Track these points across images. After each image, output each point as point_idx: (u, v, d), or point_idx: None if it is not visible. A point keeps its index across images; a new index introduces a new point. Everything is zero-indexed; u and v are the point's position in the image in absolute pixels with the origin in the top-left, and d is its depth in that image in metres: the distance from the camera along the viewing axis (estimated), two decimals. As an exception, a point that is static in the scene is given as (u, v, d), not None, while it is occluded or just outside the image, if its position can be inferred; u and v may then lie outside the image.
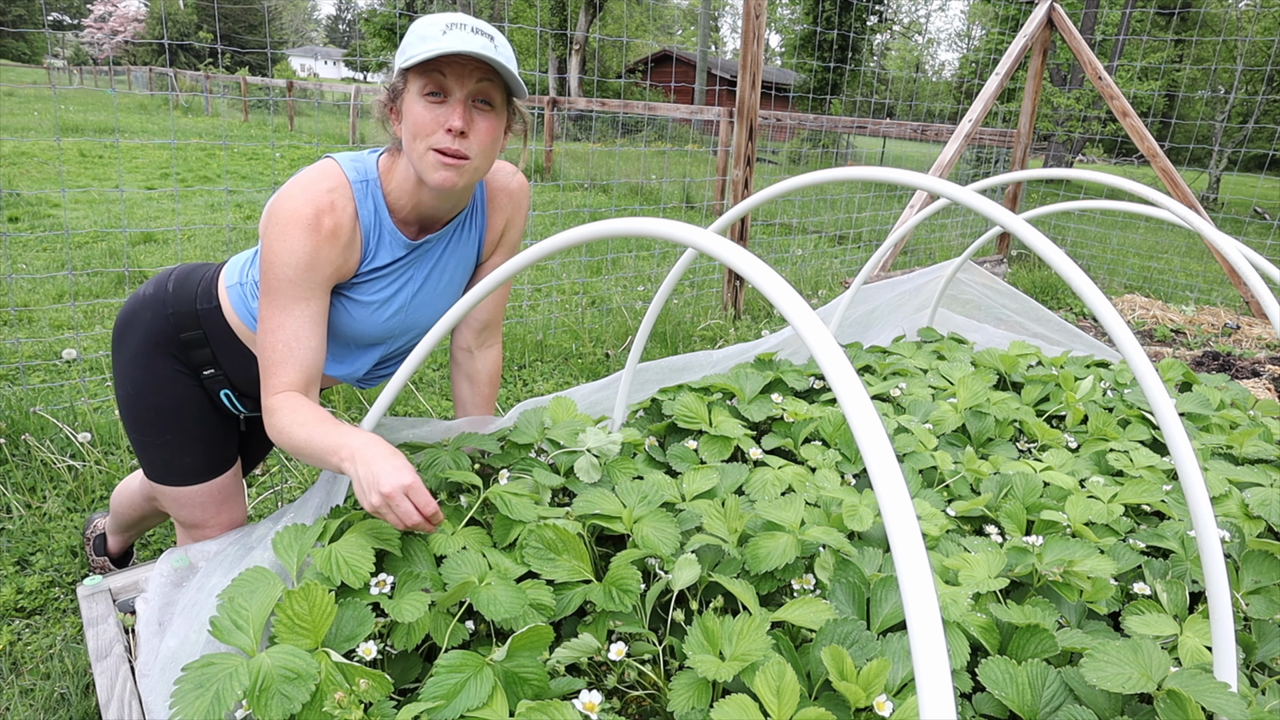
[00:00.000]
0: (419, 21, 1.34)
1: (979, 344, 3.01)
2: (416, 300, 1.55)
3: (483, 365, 1.79)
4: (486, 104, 1.36)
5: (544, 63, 26.72)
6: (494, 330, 1.78)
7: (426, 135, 1.33)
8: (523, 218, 1.69)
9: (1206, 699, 1.00)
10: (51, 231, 5.89)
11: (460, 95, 1.32)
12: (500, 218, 1.64)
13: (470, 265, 1.64)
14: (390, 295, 1.51)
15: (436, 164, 1.34)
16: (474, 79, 1.33)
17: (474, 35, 1.29)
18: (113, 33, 39.26)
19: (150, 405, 1.58)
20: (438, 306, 1.60)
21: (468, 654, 1.05)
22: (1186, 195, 5.06)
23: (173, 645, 1.25)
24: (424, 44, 1.29)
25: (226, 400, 1.63)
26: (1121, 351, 1.03)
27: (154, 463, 1.62)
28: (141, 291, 1.60)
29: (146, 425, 1.59)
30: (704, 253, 0.95)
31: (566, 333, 4.36)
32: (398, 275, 1.51)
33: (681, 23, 44.87)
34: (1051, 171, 2.11)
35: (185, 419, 1.59)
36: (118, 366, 1.60)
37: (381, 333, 1.55)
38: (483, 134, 1.36)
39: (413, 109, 1.34)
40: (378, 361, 1.63)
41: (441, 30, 1.29)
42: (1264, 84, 16.70)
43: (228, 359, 1.58)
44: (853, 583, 1.27)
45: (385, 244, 1.46)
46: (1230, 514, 1.70)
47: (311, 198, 1.35)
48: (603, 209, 8.17)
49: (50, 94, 19.20)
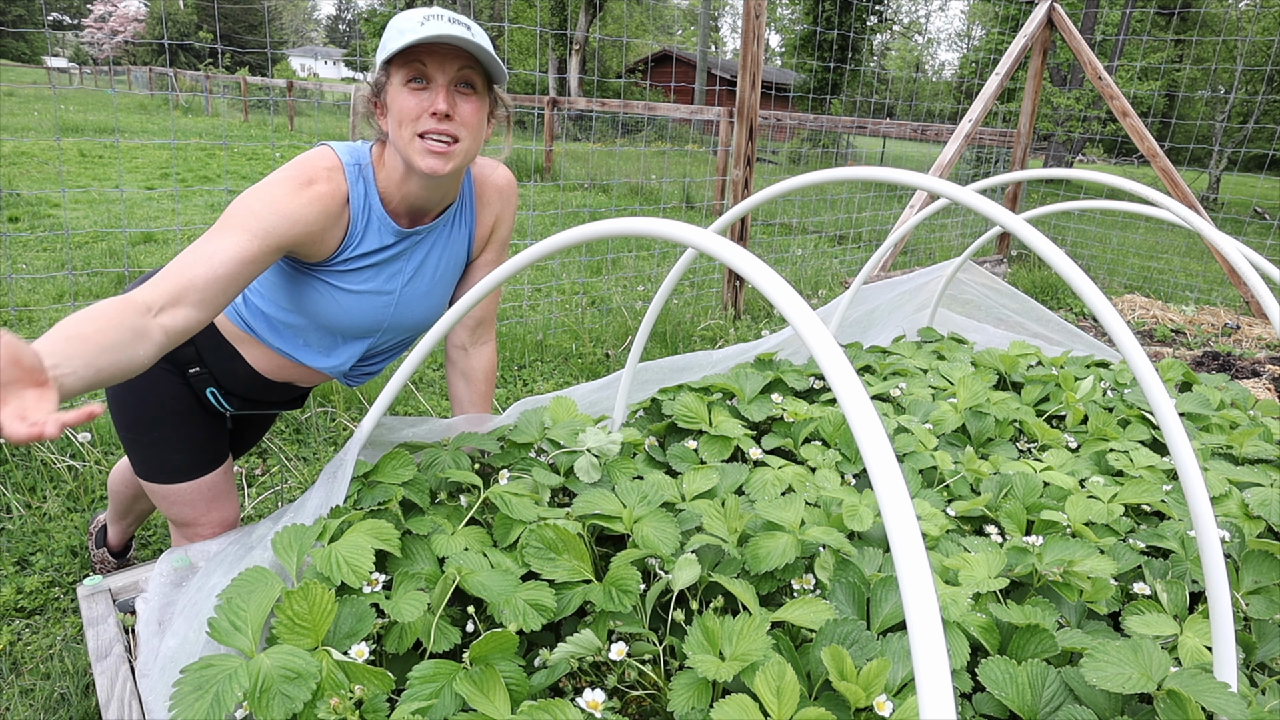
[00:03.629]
0: (396, 17, 1.37)
1: (979, 344, 3.01)
2: (405, 292, 1.56)
3: (478, 363, 1.80)
4: (469, 87, 1.39)
5: (544, 63, 26.72)
6: (488, 327, 1.80)
7: (412, 121, 1.35)
8: (512, 214, 1.70)
9: (1206, 699, 1.00)
10: (51, 231, 5.89)
11: (443, 81, 1.35)
12: (489, 214, 1.65)
13: (461, 262, 1.65)
14: (379, 285, 1.52)
15: (424, 150, 1.36)
16: (455, 65, 1.36)
17: (451, 25, 1.32)
18: (113, 33, 39.26)
19: (136, 403, 1.58)
20: (427, 302, 1.61)
21: (440, 663, 1.06)
22: (1186, 195, 5.06)
23: (173, 645, 1.25)
24: (403, 37, 1.31)
25: (212, 398, 1.63)
26: (1121, 351, 1.03)
27: (142, 460, 1.63)
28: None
29: (133, 423, 1.59)
30: (704, 253, 0.95)
31: (566, 333, 4.35)
32: (386, 265, 1.51)
33: (681, 23, 44.87)
34: (1051, 171, 2.11)
35: (171, 417, 1.59)
36: None
37: (369, 324, 1.56)
38: (467, 115, 1.38)
39: (397, 98, 1.36)
40: (363, 356, 1.64)
41: (419, 22, 1.32)
42: (1264, 84, 16.70)
43: (212, 357, 1.58)
44: (853, 583, 1.27)
45: (374, 229, 1.47)
46: (1230, 514, 1.70)
47: (306, 167, 1.38)
48: (603, 209, 8.17)
49: (50, 94, 19.19)
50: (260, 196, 1.33)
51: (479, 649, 1.08)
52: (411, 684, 1.04)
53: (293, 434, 3.04)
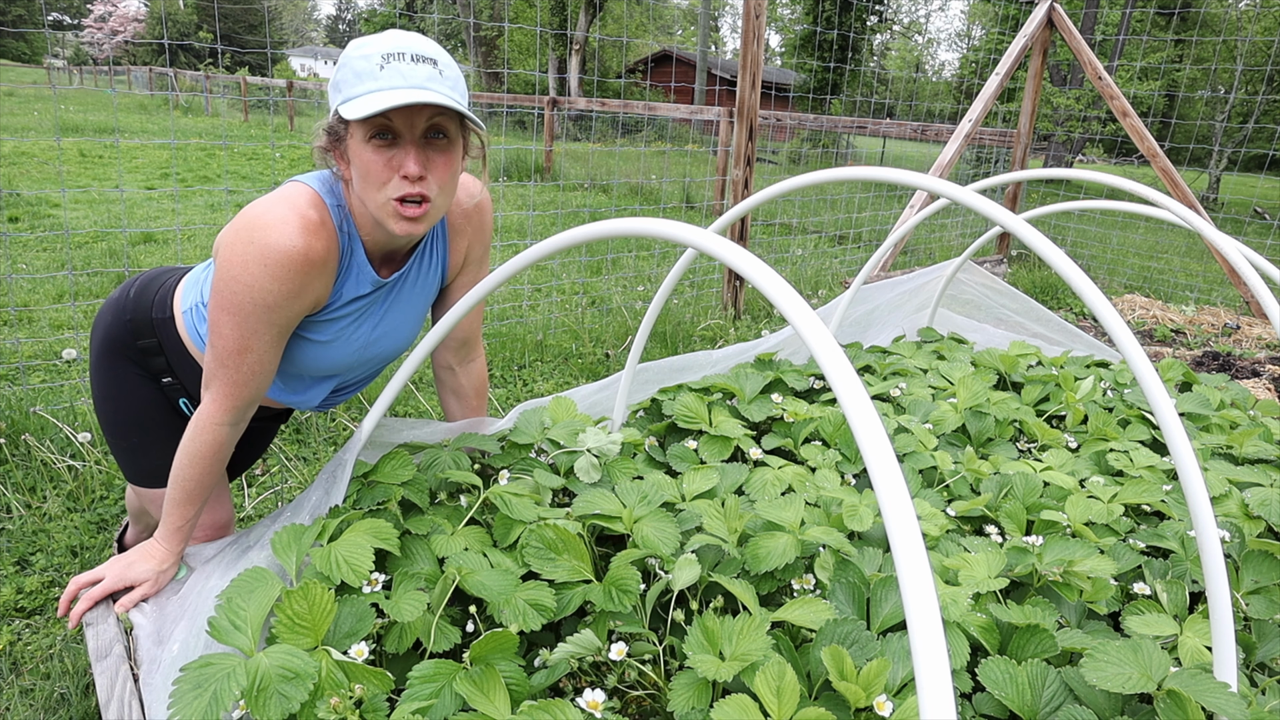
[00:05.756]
0: (351, 50, 1.21)
1: (979, 344, 3.01)
2: (377, 334, 1.49)
3: (467, 380, 1.75)
4: (441, 136, 1.25)
5: (544, 63, 26.72)
6: (474, 345, 1.73)
7: (381, 184, 1.23)
8: (486, 234, 1.60)
9: (1206, 699, 1.00)
10: (51, 231, 5.89)
11: (411, 138, 1.22)
12: (462, 242, 1.55)
13: (433, 293, 1.58)
14: (351, 334, 1.45)
15: (397, 214, 1.25)
16: (424, 118, 1.21)
17: (415, 66, 1.18)
18: (113, 33, 39.27)
19: (115, 408, 1.57)
20: (398, 336, 1.54)
21: (440, 662, 1.06)
22: (1186, 195, 5.06)
23: (174, 648, 1.25)
24: (360, 82, 1.18)
25: (185, 408, 1.59)
26: (1121, 351, 1.03)
27: (127, 464, 1.63)
28: (112, 294, 1.59)
29: (115, 427, 1.59)
30: (704, 253, 0.95)
31: (566, 333, 4.35)
32: (359, 314, 1.43)
33: (681, 23, 44.88)
34: (1051, 171, 2.11)
35: (149, 423, 1.58)
36: (90, 368, 1.60)
37: (340, 368, 1.51)
38: (441, 170, 1.26)
39: (361, 155, 1.22)
40: (333, 390, 1.59)
41: (379, 65, 1.17)
42: (1264, 84, 16.70)
43: (182, 371, 1.54)
44: (853, 583, 1.27)
45: (352, 277, 1.38)
46: (1230, 514, 1.70)
47: (303, 224, 1.25)
48: (603, 209, 8.16)
49: (50, 94, 19.20)
50: (266, 287, 1.24)
51: (479, 649, 1.08)
52: (411, 684, 1.04)
53: (293, 434, 3.04)
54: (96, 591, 1.36)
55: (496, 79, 26.53)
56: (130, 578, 1.38)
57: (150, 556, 1.40)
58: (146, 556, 1.40)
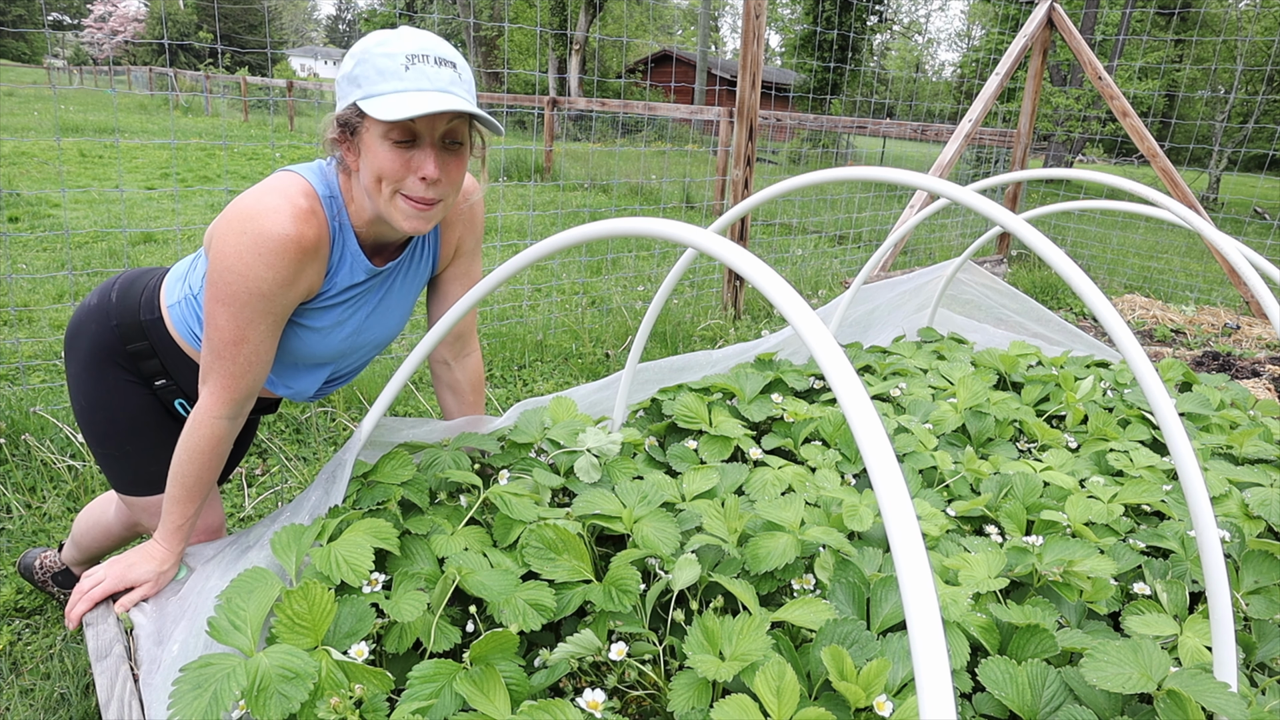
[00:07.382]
0: (372, 46, 1.22)
1: (979, 344, 3.01)
2: (369, 322, 1.51)
3: (463, 375, 1.76)
4: (456, 143, 1.28)
5: (544, 63, 26.73)
6: (469, 339, 1.74)
7: (396, 180, 1.25)
8: (479, 224, 1.62)
9: (1206, 699, 1.00)
10: (51, 231, 5.89)
11: (431, 140, 1.25)
12: (453, 234, 1.58)
13: (424, 281, 1.60)
14: (343, 321, 1.46)
15: (407, 212, 1.28)
16: (444, 122, 1.24)
17: (439, 69, 1.20)
18: (113, 33, 39.27)
19: (106, 417, 1.54)
20: (389, 324, 1.56)
21: (440, 662, 1.06)
22: (1186, 195, 5.06)
23: (174, 648, 1.25)
24: (384, 80, 1.19)
25: (181, 409, 1.58)
26: (1121, 351, 1.03)
27: (119, 474, 1.59)
28: (86, 301, 1.55)
29: (105, 437, 1.55)
30: (704, 253, 0.95)
31: (566, 333, 4.35)
32: (352, 302, 1.45)
33: (681, 23, 44.87)
34: (1051, 171, 2.11)
35: (143, 428, 1.55)
36: (70, 379, 1.55)
37: (332, 355, 1.52)
38: (454, 172, 1.29)
39: (377, 152, 1.24)
40: (326, 380, 1.60)
41: (403, 65, 1.19)
42: (1264, 84, 16.71)
43: (177, 370, 1.53)
44: (853, 583, 1.27)
45: (346, 266, 1.39)
46: (1230, 514, 1.70)
47: (294, 212, 1.26)
48: (603, 209, 8.17)
49: (50, 94, 19.20)
50: (261, 275, 1.25)
51: (479, 649, 1.08)
52: (411, 684, 1.04)
53: (293, 434, 3.04)
54: (97, 592, 1.36)
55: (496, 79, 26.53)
56: (131, 578, 1.38)
57: (150, 557, 1.40)
58: (147, 557, 1.40)
